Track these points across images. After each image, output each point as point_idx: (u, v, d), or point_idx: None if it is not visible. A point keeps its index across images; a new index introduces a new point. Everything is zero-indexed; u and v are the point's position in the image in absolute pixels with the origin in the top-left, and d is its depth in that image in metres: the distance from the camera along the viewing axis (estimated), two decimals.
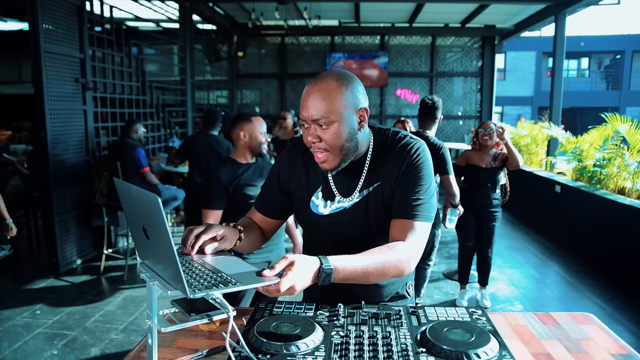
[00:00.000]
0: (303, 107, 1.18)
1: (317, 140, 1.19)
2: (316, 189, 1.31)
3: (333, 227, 1.30)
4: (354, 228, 1.29)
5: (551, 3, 6.77)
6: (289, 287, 1.01)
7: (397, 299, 1.46)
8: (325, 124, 1.17)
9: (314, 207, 1.31)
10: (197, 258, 1.25)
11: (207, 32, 8.43)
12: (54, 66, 4.12)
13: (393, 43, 9.80)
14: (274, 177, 1.39)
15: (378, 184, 1.27)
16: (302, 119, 1.19)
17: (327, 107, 1.15)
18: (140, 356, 1.18)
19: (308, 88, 1.19)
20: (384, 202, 1.27)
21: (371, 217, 1.28)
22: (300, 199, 1.33)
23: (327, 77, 1.18)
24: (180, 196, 4.75)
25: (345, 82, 1.18)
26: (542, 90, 21.09)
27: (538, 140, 7.55)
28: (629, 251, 4.18)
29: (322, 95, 1.16)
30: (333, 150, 1.20)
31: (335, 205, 1.29)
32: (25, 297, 3.74)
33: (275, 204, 1.38)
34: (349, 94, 1.18)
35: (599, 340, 1.25)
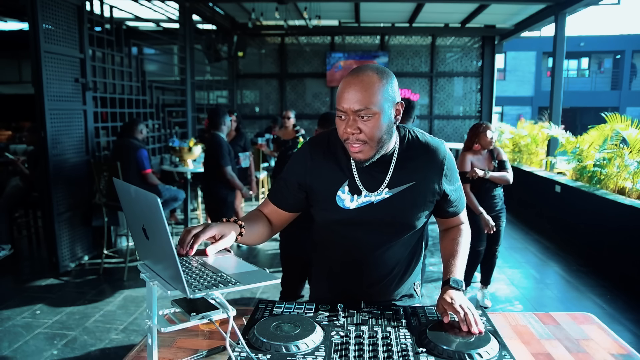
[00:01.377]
0: (343, 99, 1.18)
1: (357, 132, 1.19)
2: (342, 183, 1.31)
3: (360, 221, 1.31)
4: (381, 221, 1.31)
5: (551, 3, 6.77)
6: (469, 314, 1.16)
7: (406, 297, 1.48)
8: (367, 116, 1.18)
9: (340, 201, 1.31)
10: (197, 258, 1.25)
11: (207, 32, 8.43)
12: (54, 66, 4.12)
13: (393, 43, 9.80)
14: (292, 172, 1.37)
15: (413, 184, 1.30)
16: (342, 110, 1.20)
17: (370, 99, 1.17)
18: (140, 356, 1.18)
19: (348, 80, 1.19)
20: (418, 202, 1.31)
21: (403, 213, 1.31)
22: (324, 194, 1.32)
23: (367, 70, 1.20)
24: (181, 197, 4.75)
25: (385, 76, 1.21)
26: (542, 90, 21.09)
27: (538, 140, 7.55)
28: (629, 251, 4.18)
29: (365, 87, 1.17)
30: (371, 141, 1.21)
31: (362, 199, 1.30)
32: (25, 297, 3.74)
33: (290, 198, 1.38)
34: (389, 87, 1.21)
35: (599, 340, 1.25)
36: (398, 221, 1.32)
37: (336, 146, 1.33)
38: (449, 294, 1.22)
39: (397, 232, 1.35)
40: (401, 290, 1.45)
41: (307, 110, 9.81)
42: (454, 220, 1.44)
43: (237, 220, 1.25)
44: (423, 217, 1.36)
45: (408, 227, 1.34)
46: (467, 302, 1.20)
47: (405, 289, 1.46)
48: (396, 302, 1.44)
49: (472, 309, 1.17)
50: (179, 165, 5.04)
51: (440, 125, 9.73)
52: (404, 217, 1.32)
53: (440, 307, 1.20)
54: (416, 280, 1.51)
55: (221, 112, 4.12)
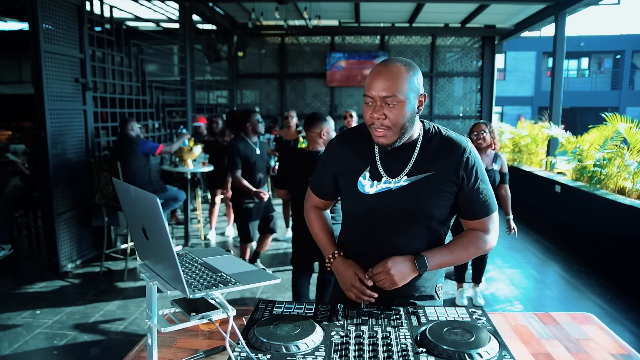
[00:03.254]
0: (372, 87, 1.26)
1: (382, 118, 1.27)
2: (364, 169, 1.39)
3: (379, 206, 1.37)
4: (398, 208, 1.36)
5: (551, 3, 6.77)
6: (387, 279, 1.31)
7: (426, 299, 1.47)
8: (393, 103, 1.25)
9: (360, 186, 1.38)
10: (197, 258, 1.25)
11: (207, 32, 8.43)
12: (54, 66, 4.12)
13: (393, 43, 9.80)
14: (324, 165, 1.51)
15: (431, 174, 1.34)
16: (370, 96, 1.27)
17: (397, 87, 1.24)
18: (140, 356, 1.18)
19: (378, 69, 1.28)
20: (435, 192, 1.35)
21: (420, 201, 1.35)
22: (348, 180, 1.41)
23: (395, 62, 1.28)
24: (181, 197, 4.74)
25: (412, 68, 1.29)
26: (542, 90, 21.08)
27: (538, 140, 7.55)
28: (629, 251, 4.18)
29: (393, 76, 1.25)
30: (394, 127, 1.28)
31: (381, 185, 1.36)
32: (25, 297, 3.74)
33: (330, 187, 1.51)
34: (415, 79, 1.28)
35: (599, 340, 1.25)
36: (414, 209, 1.35)
37: (361, 138, 1.42)
38: (396, 261, 1.33)
39: (415, 220, 1.37)
40: (422, 287, 1.45)
41: (307, 110, 9.80)
42: (476, 224, 1.41)
43: (335, 255, 1.48)
44: (441, 207, 1.37)
45: (425, 215, 1.36)
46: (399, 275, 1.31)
47: (427, 288, 1.46)
48: (416, 302, 1.44)
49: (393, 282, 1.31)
50: (179, 165, 5.03)
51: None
52: (420, 205, 1.35)
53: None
54: (438, 282, 1.50)
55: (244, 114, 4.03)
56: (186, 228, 5.05)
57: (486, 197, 1.38)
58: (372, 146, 1.39)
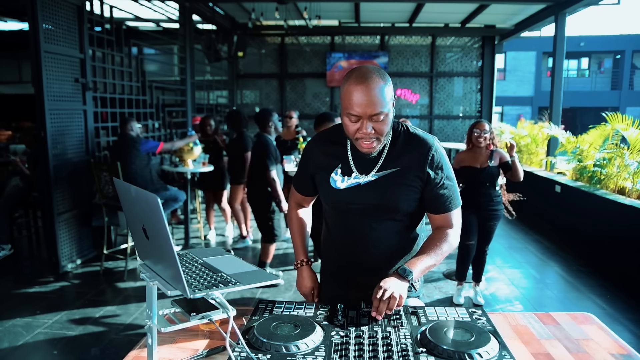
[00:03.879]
0: (357, 105, 1.29)
1: (372, 132, 1.33)
2: (336, 166, 1.47)
3: (349, 200, 1.45)
4: (368, 202, 1.43)
5: (551, 3, 6.76)
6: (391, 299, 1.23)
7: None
8: (379, 117, 1.31)
9: (332, 182, 1.47)
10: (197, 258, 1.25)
11: (207, 32, 8.42)
12: (54, 66, 4.12)
13: (393, 43, 9.79)
14: (303, 164, 1.61)
15: (397, 169, 1.41)
16: (355, 114, 1.30)
17: (382, 103, 1.30)
18: (140, 356, 1.18)
19: (357, 86, 1.29)
20: (401, 186, 1.41)
21: (386, 195, 1.41)
22: (322, 176, 1.51)
23: (372, 75, 1.31)
24: (181, 197, 4.74)
25: (385, 77, 1.34)
26: (542, 90, 21.08)
27: (538, 140, 7.55)
28: (629, 251, 4.18)
29: (375, 93, 1.29)
30: (382, 137, 1.36)
31: (351, 181, 1.44)
32: (25, 297, 3.74)
33: (310, 185, 1.60)
34: (389, 86, 1.35)
35: (599, 340, 1.25)
36: (381, 202, 1.42)
37: (335, 137, 1.50)
38: (387, 280, 1.30)
39: (382, 213, 1.44)
40: None
41: (307, 110, 9.80)
42: (441, 219, 1.47)
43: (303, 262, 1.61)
44: (407, 201, 1.43)
45: (391, 209, 1.43)
46: (397, 290, 1.26)
47: None
48: None
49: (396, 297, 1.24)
50: (179, 165, 5.03)
51: (440, 125, 9.73)
52: (387, 199, 1.41)
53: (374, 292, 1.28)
54: None
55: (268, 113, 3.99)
56: (186, 228, 5.05)
57: (450, 193, 1.44)
58: (344, 145, 1.47)
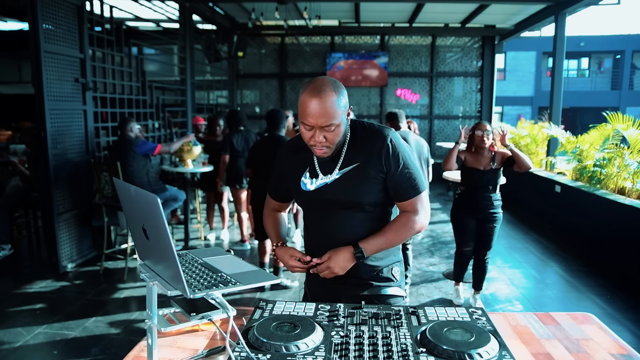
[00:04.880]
0: (309, 115, 1.38)
1: (323, 140, 1.42)
2: (304, 170, 1.58)
3: (319, 199, 1.54)
4: (336, 199, 1.51)
5: (551, 3, 6.77)
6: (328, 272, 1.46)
7: (383, 280, 1.58)
8: (331, 128, 1.40)
9: (303, 185, 1.57)
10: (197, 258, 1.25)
11: (207, 32, 8.42)
12: (54, 66, 4.12)
13: (393, 43, 9.80)
14: (276, 171, 1.69)
15: (357, 164, 1.49)
16: (309, 124, 1.40)
17: (332, 115, 1.38)
18: (140, 356, 1.18)
19: (311, 99, 1.37)
20: (363, 180, 1.49)
21: (351, 190, 1.49)
22: (294, 181, 1.60)
23: (324, 88, 1.39)
24: (181, 197, 4.74)
25: (339, 90, 1.42)
26: (542, 90, 21.08)
27: (538, 140, 7.55)
28: (629, 251, 4.18)
29: (327, 106, 1.38)
30: (333, 145, 1.45)
31: (319, 182, 1.54)
32: (25, 297, 3.74)
33: (285, 191, 1.69)
34: (343, 99, 1.43)
35: (599, 340, 1.25)
36: (346, 197, 1.50)
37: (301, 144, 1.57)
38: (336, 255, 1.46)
39: (349, 207, 1.50)
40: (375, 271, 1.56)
41: None
42: (406, 206, 1.53)
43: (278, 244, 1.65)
44: (370, 192, 1.49)
45: (356, 202, 1.50)
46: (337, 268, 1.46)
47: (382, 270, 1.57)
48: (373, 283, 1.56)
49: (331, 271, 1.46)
50: (179, 166, 5.03)
51: (440, 125, 9.73)
52: (353, 193, 1.49)
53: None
54: (394, 266, 1.61)
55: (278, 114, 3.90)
56: (186, 228, 5.05)
57: (412, 180, 1.50)
58: (309, 150, 1.53)
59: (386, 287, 1.56)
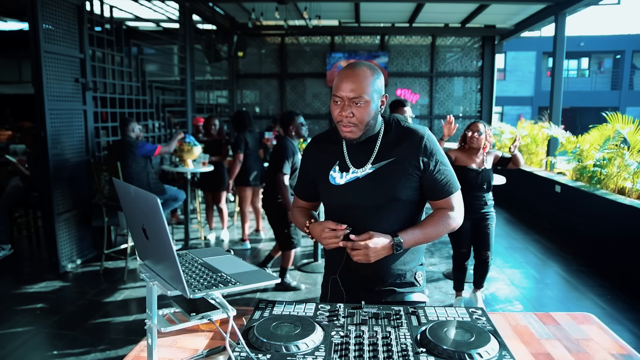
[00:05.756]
0: (340, 88, 1.40)
1: (350, 116, 1.40)
2: (334, 164, 1.53)
3: (350, 194, 1.49)
4: (367, 194, 1.47)
5: (551, 3, 6.77)
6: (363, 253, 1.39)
7: (406, 285, 1.54)
8: (360, 102, 1.39)
9: (332, 179, 1.52)
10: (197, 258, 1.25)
11: (207, 32, 8.43)
12: (54, 66, 4.12)
13: (393, 43, 9.80)
14: (303, 169, 1.65)
15: (392, 160, 1.46)
16: (339, 96, 1.40)
17: (363, 89, 1.38)
18: (140, 356, 1.18)
19: (345, 72, 1.41)
20: (398, 175, 1.46)
21: (382, 187, 1.46)
22: (322, 176, 1.55)
23: (361, 65, 1.42)
24: (181, 197, 4.74)
25: (376, 72, 1.43)
26: (542, 90, 21.08)
27: (538, 140, 7.55)
28: (629, 251, 4.18)
29: (360, 79, 1.39)
30: (360, 124, 1.42)
31: (349, 176, 1.49)
32: (25, 297, 3.74)
33: (312, 190, 1.63)
34: (378, 81, 1.43)
35: (599, 340, 1.25)
36: (381, 192, 1.46)
37: (329, 138, 1.57)
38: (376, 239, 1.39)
39: (383, 203, 1.47)
40: (400, 273, 1.52)
41: (307, 110, 9.81)
42: (441, 204, 1.52)
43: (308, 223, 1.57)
44: (406, 189, 1.46)
45: (391, 198, 1.46)
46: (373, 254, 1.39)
47: (406, 274, 1.54)
48: (397, 289, 1.52)
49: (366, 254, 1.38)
50: (179, 166, 5.03)
51: (440, 126, 9.71)
52: (388, 188, 1.46)
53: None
54: (418, 270, 1.57)
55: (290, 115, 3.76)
56: (186, 228, 5.05)
57: (447, 179, 1.49)
58: (339, 142, 1.53)
59: (409, 292, 1.53)
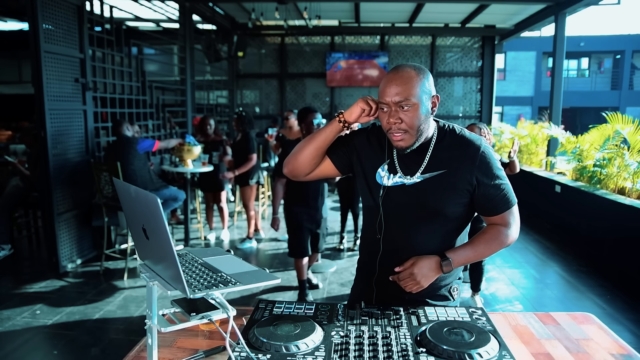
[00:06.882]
0: (385, 93, 1.32)
1: (398, 122, 1.32)
2: (383, 162, 1.45)
3: (394, 199, 1.41)
4: (414, 203, 1.39)
5: (551, 3, 6.77)
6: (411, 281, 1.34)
7: (440, 299, 1.46)
8: (407, 106, 1.30)
9: (378, 177, 1.44)
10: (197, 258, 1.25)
11: (207, 32, 8.43)
12: (54, 66, 4.12)
13: (393, 43, 9.79)
14: (352, 139, 1.51)
15: (444, 171, 1.37)
16: (384, 102, 1.33)
17: (409, 91, 1.30)
18: (140, 356, 1.18)
19: (390, 76, 1.33)
20: (448, 190, 1.37)
21: (433, 198, 1.37)
22: (370, 168, 1.47)
23: (406, 67, 1.34)
24: (181, 197, 4.74)
25: (422, 72, 1.34)
26: (542, 90, 21.08)
27: (538, 140, 7.55)
28: (629, 251, 4.18)
29: (404, 81, 1.31)
30: (411, 130, 1.33)
31: (396, 179, 1.41)
32: (25, 297, 3.74)
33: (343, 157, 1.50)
34: (426, 82, 1.34)
35: (599, 340, 1.25)
36: (426, 205, 1.38)
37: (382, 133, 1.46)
38: (420, 262, 1.34)
39: (427, 217, 1.39)
40: (436, 288, 1.44)
41: None
42: (497, 219, 1.42)
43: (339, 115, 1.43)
44: (454, 205, 1.38)
45: (438, 213, 1.38)
46: (422, 278, 1.33)
47: (441, 288, 1.46)
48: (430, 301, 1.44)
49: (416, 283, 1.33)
50: (179, 165, 5.03)
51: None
52: (433, 202, 1.37)
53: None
54: (454, 284, 1.49)
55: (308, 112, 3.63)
56: (186, 228, 5.05)
57: (505, 192, 1.38)
58: (390, 143, 1.43)
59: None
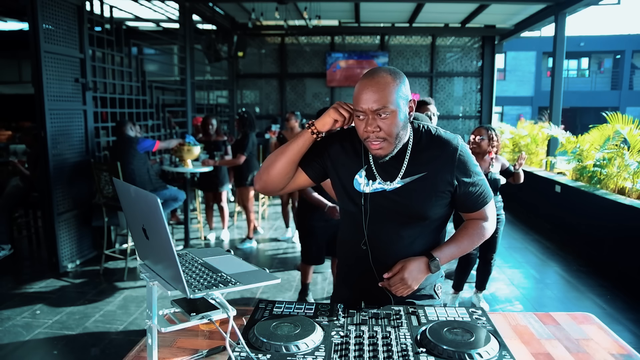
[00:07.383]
0: (361, 100, 1.26)
1: (377, 130, 1.27)
2: (360, 168, 1.41)
3: (374, 205, 1.38)
4: (391, 209, 1.37)
5: (551, 3, 6.77)
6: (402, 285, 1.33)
7: (425, 298, 1.49)
8: (385, 114, 1.26)
9: (357, 184, 1.40)
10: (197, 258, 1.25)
11: (207, 32, 8.43)
12: (54, 66, 4.12)
13: (393, 43, 9.80)
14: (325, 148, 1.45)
15: (424, 174, 1.35)
16: (361, 110, 1.27)
17: (386, 98, 1.25)
18: (140, 356, 1.18)
19: (364, 82, 1.27)
20: (429, 192, 1.36)
21: (415, 203, 1.36)
22: (347, 175, 1.42)
23: (382, 72, 1.28)
24: (181, 197, 4.74)
25: (399, 76, 1.29)
26: (542, 90, 21.08)
27: (538, 140, 7.55)
28: (629, 251, 4.18)
29: (381, 88, 1.25)
30: (390, 137, 1.29)
31: (375, 186, 1.38)
32: (25, 297, 3.74)
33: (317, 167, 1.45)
34: (402, 86, 1.29)
35: (599, 340, 1.25)
36: (408, 210, 1.37)
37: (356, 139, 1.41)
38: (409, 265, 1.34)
39: (409, 221, 1.38)
40: (422, 286, 1.46)
41: (307, 110, 9.80)
42: (474, 215, 1.45)
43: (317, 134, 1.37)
44: (436, 207, 1.37)
45: (419, 216, 1.37)
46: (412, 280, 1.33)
47: (426, 287, 1.48)
48: (415, 301, 1.46)
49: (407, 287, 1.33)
50: (179, 166, 5.03)
51: (440, 125, 9.59)
52: (414, 206, 1.36)
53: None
54: (437, 282, 1.52)
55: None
56: (186, 228, 5.05)
57: (483, 189, 1.41)
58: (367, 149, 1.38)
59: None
